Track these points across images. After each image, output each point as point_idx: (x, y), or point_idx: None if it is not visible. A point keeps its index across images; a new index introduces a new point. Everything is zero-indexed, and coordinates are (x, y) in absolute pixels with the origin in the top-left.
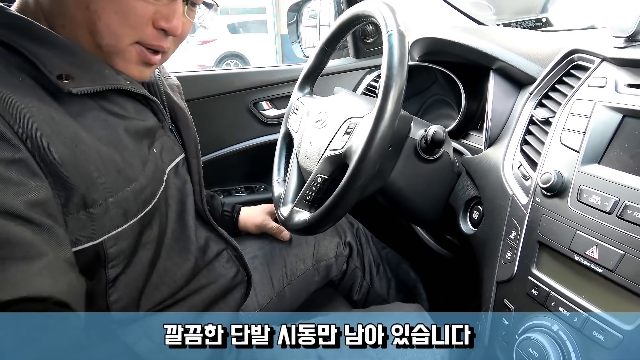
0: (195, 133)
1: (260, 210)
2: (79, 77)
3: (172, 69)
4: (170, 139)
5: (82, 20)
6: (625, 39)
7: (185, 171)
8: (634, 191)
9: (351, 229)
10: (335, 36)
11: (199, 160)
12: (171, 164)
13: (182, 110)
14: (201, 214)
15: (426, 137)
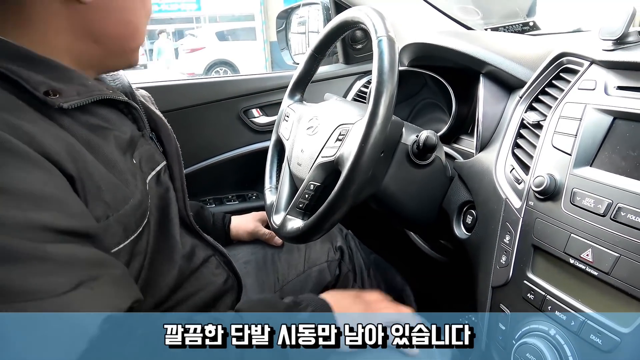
0: (176, 140)
1: (251, 218)
2: (65, 92)
3: (160, 78)
4: (151, 147)
5: (116, 32)
6: (613, 41)
7: (168, 178)
8: (627, 193)
9: (341, 234)
10: (324, 43)
11: (181, 167)
12: (152, 173)
13: (160, 118)
14: (185, 221)
15: (418, 142)
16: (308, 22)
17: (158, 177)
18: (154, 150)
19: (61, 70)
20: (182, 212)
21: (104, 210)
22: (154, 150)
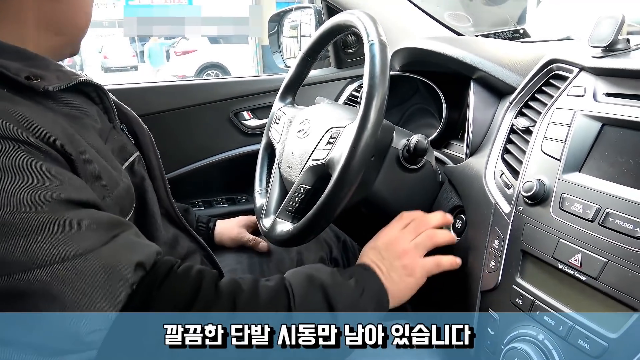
0: (148, 130)
1: (235, 223)
2: (46, 77)
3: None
4: (122, 139)
5: (51, 18)
6: (602, 48)
7: (142, 169)
8: (615, 199)
9: (337, 243)
10: (316, 46)
11: (157, 156)
12: (125, 163)
13: (131, 112)
14: (169, 211)
15: (409, 146)
16: (300, 26)
17: (132, 167)
18: (126, 141)
19: (37, 59)
20: (165, 202)
21: (101, 191)
22: (125, 141)
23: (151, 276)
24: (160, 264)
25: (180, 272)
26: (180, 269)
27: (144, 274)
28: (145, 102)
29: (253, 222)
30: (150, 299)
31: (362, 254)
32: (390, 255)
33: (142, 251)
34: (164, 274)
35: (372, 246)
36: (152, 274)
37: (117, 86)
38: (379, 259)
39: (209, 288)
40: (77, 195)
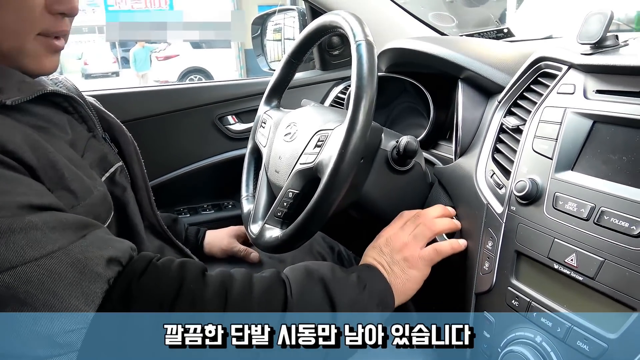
0: (132, 138)
1: (225, 233)
2: (4, 89)
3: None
4: (104, 148)
5: None
6: (592, 45)
7: (125, 179)
8: (610, 197)
9: (332, 255)
10: (301, 48)
11: (141, 166)
12: (105, 174)
13: (113, 119)
14: (152, 222)
15: (398, 147)
16: (284, 29)
17: (112, 178)
18: (108, 151)
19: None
20: (149, 213)
21: (70, 200)
22: (107, 151)
23: (129, 270)
24: (138, 257)
25: (160, 264)
26: (161, 261)
27: (120, 268)
28: (127, 107)
29: (243, 232)
30: (130, 293)
31: (363, 256)
32: (390, 249)
33: (115, 247)
34: (142, 266)
35: (372, 245)
36: (130, 268)
37: (98, 92)
38: (379, 254)
39: (194, 277)
40: (39, 200)
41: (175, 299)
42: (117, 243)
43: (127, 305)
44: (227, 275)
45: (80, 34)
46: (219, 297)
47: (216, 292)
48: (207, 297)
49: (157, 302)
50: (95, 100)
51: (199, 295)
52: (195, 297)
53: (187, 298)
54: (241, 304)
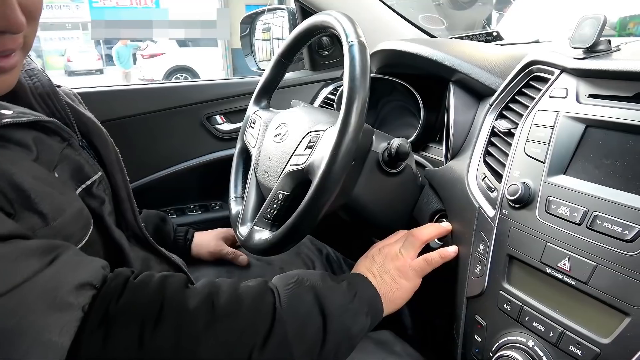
0: (113, 144)
1: (213, 236)
2: None
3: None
4: (80, 159)
5: None
6: (584, 49)
7: (103, 191)
8: (603, 201)
9: (320, 257)
10: (292, 47)
11: (124, 175)
12: (80, 187)
13: (92, 121)
14: (136, 232)
15: (390, 149)
16: (272, 28)
17: (89, 190)
18: (84, 162)
19: None
20: (132, 224)
21: (38, 222)
22: (83, 162)
23: (105, 293)
24: (113, 277)
25: (139, 281)
26: (139, 279)
27: (94, 292)
28: (113, 106)
29: (232, 235)
30: (109, 317)
31: (356, 265)
32: (382, 259)
33: (86, 269)
34: (119, 287)
35: (365, 255)
36: (105, 290)
37: (82, 90)
38: (371, 263)
39: (177, 291)
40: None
41: (158, 317)
42: (88, 265)
43: (107, 330)
44: (213, 285)
45: (64, 30)
46: (206, 309)
47: (202, 304)
48: (192, 310)
49: (139, 323)
50: (72, 92)
51: (183, 310)
52: (180, 311)
53: (171, 314)
54: (230, 314)
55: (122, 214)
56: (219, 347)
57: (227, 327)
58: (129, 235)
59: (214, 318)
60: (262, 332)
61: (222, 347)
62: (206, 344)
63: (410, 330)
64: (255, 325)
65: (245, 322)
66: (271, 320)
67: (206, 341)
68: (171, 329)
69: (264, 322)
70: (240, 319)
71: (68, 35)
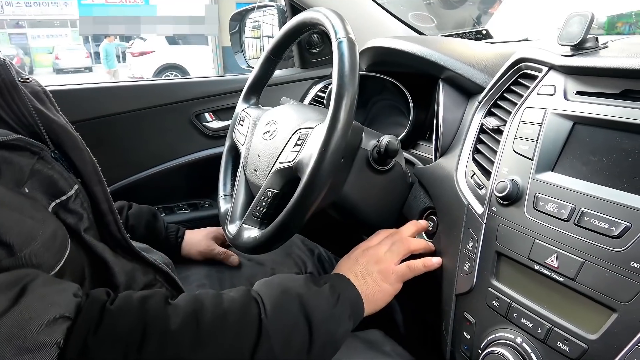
0: (90, 154)
1: (203, 236)
2: None
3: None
4: (55, 172)
5: None
6: (572, 47)
7: (80, 205)
8: (590, 198)
9: (312, 258)
10: (281, 44)
11: (103, 187)
12: (52, 203)
13: (64, 128)
14: (121, 243)
15: (379, 147)
16: (262, 26)
17: (64, 206)
18: (58, 176)
19: None
20: (117, 236)
21: (2, 252)
22: (57, 176)
23: (80, 324)
24: (88, 305)
25: (116, 307)
26: (116, 303)
27: (69, 323)
28: (100, 103)
29: (222, 234)
30: (88, 350)
31: (337, 265)
32: (366, 261)
33: (57, 301)
34: (96, 316)
35: (348, 256)
36: (81, 321)
37: (68, 87)
38: (354, 264)
39: (158, 313)
40: None
41: (141, 343)
42: (58, 295)
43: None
44: (196, 301)
45: (52, 27)
46: (191, 330)
47: (186, 324)
48: (176, 332)
49: (121, 353)
50: (45, 92)
51: (167, 332)
52: (163, 335)
53: (155, 338)
54: (215, 333)
55: (105, 227)
56: None
57: (212, 348)
58: (113, 247)
59: (199, 339)
60: (248, 347)
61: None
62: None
63: (401, 328)
64: (241, 342)
65: (231, 339)
66: (257, 334)
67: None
68: (156, 354)
69: (249, 336)
70: (226, 337)
71: (56, 32)
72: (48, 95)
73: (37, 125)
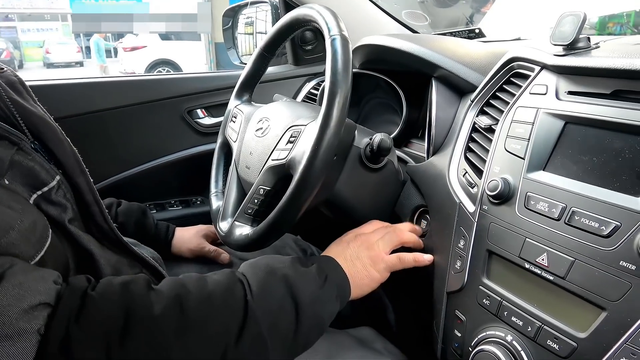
0: (71, 145)
1: (194, 233)
2: None
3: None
4: (35, 163)
5: None
6: (564, 46)
7: (63, 196)
8: (581, 197)
9: (303, 255)
10: (274, 41)
11: (87, 177)
12: (34, 195)
13: (42, 119)
14: (108, 235)
15: (372, 145)
16: (255, 22)
17: (48, 197)
18: (39, 167)
19: None
20: (104, 227)
21: None
22: (38, 168)
23: (62, 312)
24: (69, 292)
25: (97, 294)
26: (98, 290)
27: (49, 310)
28: (91, 99)
29: (213, 232)
30: (70, 338)
31: (328, 248)
32: (358, 246)
33: (36, 289)
34: (77, 302)
35: (339, 240)
36: (62, 308)
37: (57, 81)
38: (345, 248)
39: (141, 299)
40: None
41: (124, 330)
42: (37, 282)
43: (69, 353)
44: (180, 286)
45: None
46: (175, 315)
47: (170, 309)
48: (161, 317)
49: (105, 340)
50: (21, 83)
51: (151, 318)
52: (147, 321)
53: (139, 325)
54: (201, 317)
55: (91, 218)
56: (192, 353)
57: (198, 332)
58: (99, 238)
59: (184, 324)
60: (234, 330)
61: (195, 352)
62: (178, 352)
63: (393, 325)
64: (228, 325)
65: (217, 323)
66: (243, 316)
67: (178, 349)
68: (140, 341)
69: (235, 319)
70: (212, 321)
71: (46, 26)
72: (25, 86)
73: (14, 116)
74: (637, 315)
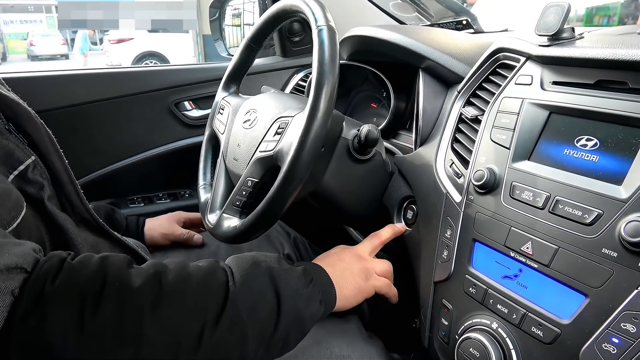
0: (45, 127)
1: (165, 219)
2: None
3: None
4: (10, 142)
5: None
6: (549, 37)
7: (40, 175)
8: (564, 186)
9: (288, 240)
10: (261, 32)
11: (61, 157)
12: (12, 174)
13: (18, 104)
14: (84, 215)
15: (359, 136)
16: (243, 14)
17: (24, 176)
18: (13, 147)
19: None
20: (79, 207)
21: None
22: (13, 147)
23: (38, 274)
24: (47, 258)
25: (77, 262)
26: (77, 259)
27: (25, 275)
28: (77, 91)
29: (184, 217)
30: (44, 298)
31: (317, 259)
32: (348, 257)
33: (12, 252)
34: (55, 268)
35: (332, 252)
36: (39, 272)
37: (40, 73)
38: (335, 260)
39: (119, 270)
40: None
41: (99, 296)
42: (15, 247)
43: (42, 313)
44: (161, 265)
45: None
46: (152, 287)
47: (148, 283)
48: (137, 288)
49: (78, 303)
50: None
51: (127, 288)
52: (123, 290)
53: (114, 292)
54: (178, 291)
55: (66, 197)
56: (167, 327)
57: (175, 306)
58: (77, 220)
59: (160, 296)
60: (213, 310)
61: (170, 326)
62: (152, 324)
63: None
64: (205, 303)
65: (195, 299)
66: (223, 299)
67: (152, 320)
68: (114, 308)
69: (215, 299)
70: (190, 296)
71: (30, 18)
72: (2, 82)
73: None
74: (618, 302)
